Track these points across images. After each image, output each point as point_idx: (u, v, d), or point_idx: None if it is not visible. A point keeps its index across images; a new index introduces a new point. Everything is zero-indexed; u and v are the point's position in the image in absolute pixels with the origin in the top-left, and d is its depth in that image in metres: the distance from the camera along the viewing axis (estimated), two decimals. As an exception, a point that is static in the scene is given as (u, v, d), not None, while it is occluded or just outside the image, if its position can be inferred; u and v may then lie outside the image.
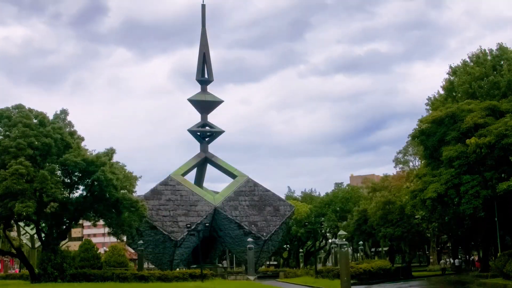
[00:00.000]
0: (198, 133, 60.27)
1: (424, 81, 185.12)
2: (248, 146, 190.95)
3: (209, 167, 61.88)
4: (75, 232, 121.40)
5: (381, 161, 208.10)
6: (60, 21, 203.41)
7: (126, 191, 39.37)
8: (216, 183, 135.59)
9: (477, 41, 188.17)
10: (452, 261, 69.49)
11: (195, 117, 61.59)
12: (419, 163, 62.55)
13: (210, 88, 61.10)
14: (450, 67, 54.24)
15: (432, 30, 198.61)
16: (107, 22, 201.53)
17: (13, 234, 61.58)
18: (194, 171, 61.31)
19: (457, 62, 56.08)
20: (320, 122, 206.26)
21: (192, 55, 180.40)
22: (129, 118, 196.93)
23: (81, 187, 39.33)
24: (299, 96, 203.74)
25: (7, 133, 36.95)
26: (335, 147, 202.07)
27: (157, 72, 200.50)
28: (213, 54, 57.45)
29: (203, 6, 61.99)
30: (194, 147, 66.78)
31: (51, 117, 39.57)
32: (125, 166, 41.23)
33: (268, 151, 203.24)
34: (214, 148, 60.04)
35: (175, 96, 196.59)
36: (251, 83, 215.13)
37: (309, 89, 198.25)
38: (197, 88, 61.10)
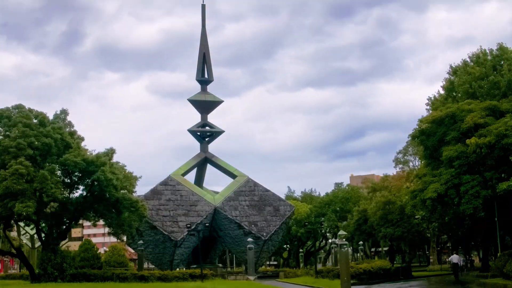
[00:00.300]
0: (198, 133, 60.26)
1: (389, 96, 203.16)
2: (233, 153, 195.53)
3: (209, 167, 61.90)
4: (75, 232, 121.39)
5: (363, 167, 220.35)
6: (45, 48, 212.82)
7: (126, 191, 39.37)
8: (216, 184, 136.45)
9: (430, 61, 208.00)
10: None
11: (174, 130, 61.98)
12: (419, 163, 62.57)
13: (180, 105, 61.06)
14: (451, 66, 54.27)
15: (388, 52, 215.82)
16: (85, 48, 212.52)
17: (13, 234, 61.59)
18: (194, 171, 61.32)
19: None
20: (298, 132, 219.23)
21: (165, 77, 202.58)
22: (116, 130, 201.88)
23: (81, 187, 39.33)
24: (275, 109, 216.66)
25: (7, 133, 36.96)
26: (315, 154, 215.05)
27: (137, 90, 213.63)
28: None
29: (203, 6, 62.09)
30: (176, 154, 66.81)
31: (51, 117, 39.60)
32: (125, 166, 41.30)
33: (254, 157, 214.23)
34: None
35: (155, 110, 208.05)
36: (229, 98, 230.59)
37: (283, 103, 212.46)
38: (172, 104, 60.96)
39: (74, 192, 39.47)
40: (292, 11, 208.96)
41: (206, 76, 61.06)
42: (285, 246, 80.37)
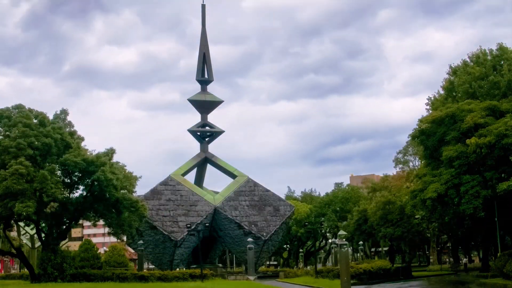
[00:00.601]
0: (198, 133, 60.29)
1: (359, 108, 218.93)
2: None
3: (209, 167, 61.90)
4: (75, 232, 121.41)
5: (346, 170, 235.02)
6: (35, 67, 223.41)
7: (126, 191, 39.34)
8: (216, 183, 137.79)
9: (392, 77, 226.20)
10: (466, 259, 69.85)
11: (159, 141, 62.30)
12: (419, 163, 62.56)
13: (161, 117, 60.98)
14: (450, 67, 54.25)
15: (352, 69, 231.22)
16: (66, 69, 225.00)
17: (13, 234, 61.58)
18: (194, 171, 61.33)
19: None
20: (278, 141, 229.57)
21: (143, 95, 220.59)
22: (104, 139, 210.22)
23: (81, 187, 39.29)
24: (254, 120, 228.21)
25: (7, 133, 36.92)
26: (298, 161, 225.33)
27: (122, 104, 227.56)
28: (184, 86, 59.93)
29: (203, 6, 62.17)
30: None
31: (51, 117, 39.57)
32: (125, 166, 41.27)
33: (240, 163, 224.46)
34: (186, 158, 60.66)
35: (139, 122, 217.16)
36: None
37: (262, 114, 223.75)
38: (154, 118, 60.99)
39: (74, 192, 39.47)
40: (262, 37, 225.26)
41: (206, 76, 61.06)
42: (285, 246, 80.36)
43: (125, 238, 45.16)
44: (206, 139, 60.55)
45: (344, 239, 30.94)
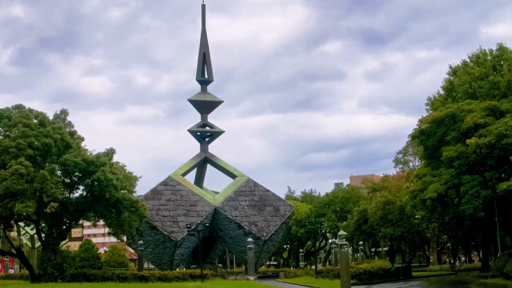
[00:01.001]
0: (198, 133, 60.27)
1: (325, 123, 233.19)
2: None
3: (209, 167, 61.88)
4: (75, 232, 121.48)
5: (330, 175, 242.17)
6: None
7: (126, 191, 39.32)
8: (216, 183, 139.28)
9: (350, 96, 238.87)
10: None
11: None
12: (419, 163, 62.57)
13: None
14: (450, 67, 54.29)
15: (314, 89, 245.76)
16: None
17: (13, 234, 61.60)
18: (194, 171, 61.31)
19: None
20: (260, 149, 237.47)
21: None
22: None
23: (81, 187, 39.29)
24: (231, 132, 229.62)
25: (7, 133, 36.93)
26: (283, 168, 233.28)
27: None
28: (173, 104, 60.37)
29: (203, 6, 62.14)
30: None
31: (51, 117, 39.56)
32: (125, 166, 41.27)
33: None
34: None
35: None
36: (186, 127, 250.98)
37: (239, 127, 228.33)
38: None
39: (74, 192, 39.45)
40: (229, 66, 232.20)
41: (206, 76, 61.04)
42: (285, 246, 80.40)
43: (125, 238, 45.12)
44: (206, 139, 60.53)
45: (344, 239, 30.95)
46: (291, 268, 72.30)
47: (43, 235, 40.15)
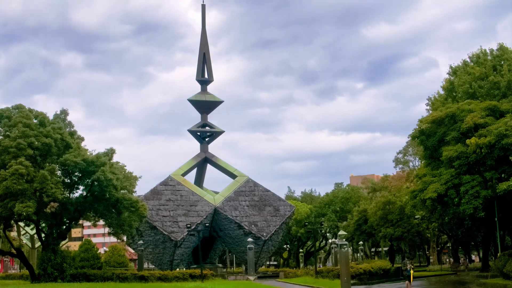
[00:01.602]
0: (198, 133, 60.30)
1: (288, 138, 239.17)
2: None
3: (209, 167, 61.91)
4: (75, 232, 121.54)
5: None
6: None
7: (126, 191, 39.30)
8: (216, 183, 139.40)
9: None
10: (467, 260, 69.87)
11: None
12: (419, 163, 62.59)
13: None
14: (451, 67, 54.29)
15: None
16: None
17: (13, 234, 61.60)
18: (194, 171, 61.33)
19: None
20: (232, 161, 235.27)
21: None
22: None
23: (81, 187, 39.26)
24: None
25: (7, 133, 36.91)
26: (260, 176, 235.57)
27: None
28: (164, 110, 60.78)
29: (203, 6, 62.21)
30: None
31: (51, 117, 39.55)
32: (125, 166, 41.25)
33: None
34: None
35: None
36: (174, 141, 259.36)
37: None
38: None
39: (74, 192, 39.43)
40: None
41: (206, 76, 61.07)
42: (285, 246, 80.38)
43: (125, 238, 45.09)
44: (206, 139, 60.56)
45: (344, 239, 30.94)
46: (295, 268, 72.25)
47: (43, 235, 40.15)
